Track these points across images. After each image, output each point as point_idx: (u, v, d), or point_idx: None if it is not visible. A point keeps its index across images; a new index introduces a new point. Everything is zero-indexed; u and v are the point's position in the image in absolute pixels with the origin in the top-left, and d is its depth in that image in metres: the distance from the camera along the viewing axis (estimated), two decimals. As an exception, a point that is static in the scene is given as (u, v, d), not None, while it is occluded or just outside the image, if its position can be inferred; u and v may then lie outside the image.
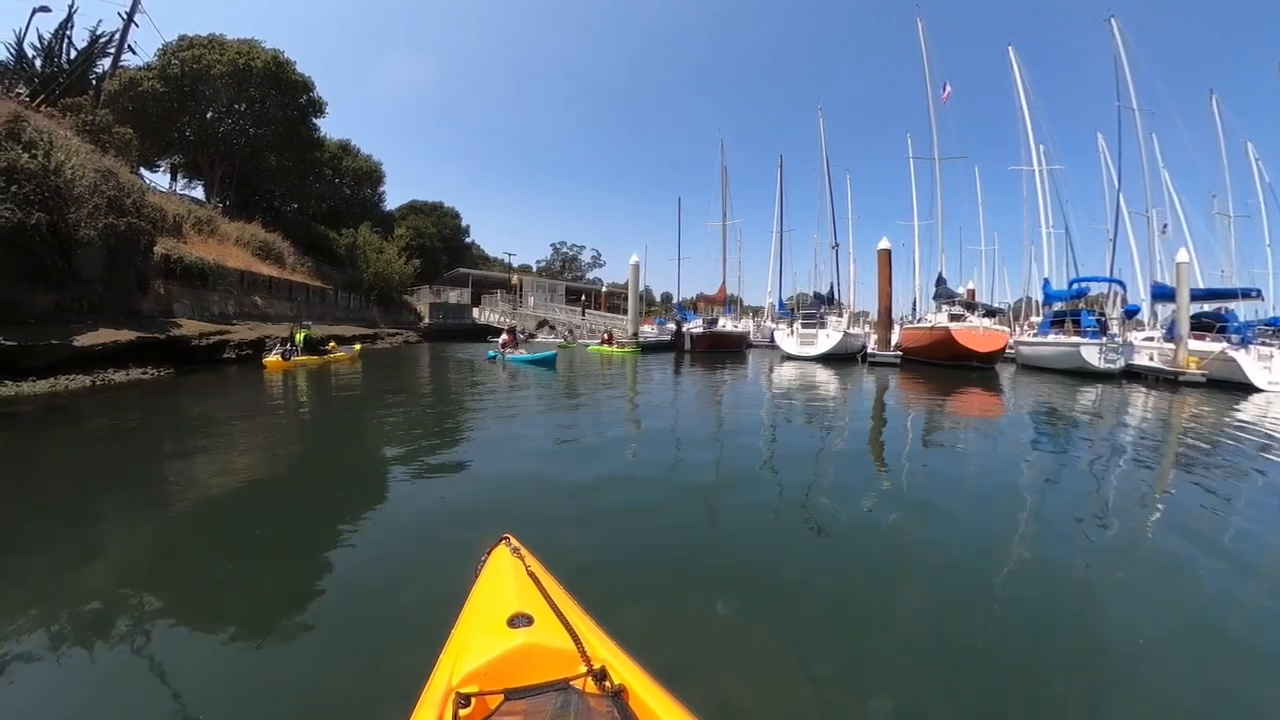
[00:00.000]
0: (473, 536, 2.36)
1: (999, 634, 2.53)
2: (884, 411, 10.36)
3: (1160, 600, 2.94)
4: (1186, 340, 15.87)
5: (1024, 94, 25.14)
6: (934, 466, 6.08)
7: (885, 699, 2.04)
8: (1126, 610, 2.83)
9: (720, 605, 2.63)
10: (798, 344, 22.70)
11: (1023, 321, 27.29)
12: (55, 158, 12.11)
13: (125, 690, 2.03)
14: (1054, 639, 2.51)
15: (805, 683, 2.11)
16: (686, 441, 6.97)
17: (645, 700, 1.25)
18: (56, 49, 21.62)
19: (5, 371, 9.42)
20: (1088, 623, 2.67)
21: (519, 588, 1.63)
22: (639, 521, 3.85)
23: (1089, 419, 9.56)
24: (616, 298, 56.38)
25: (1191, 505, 4.70)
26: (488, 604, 1.61)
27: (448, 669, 1.33)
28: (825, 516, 4.13)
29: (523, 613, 1.48)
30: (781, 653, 2.27)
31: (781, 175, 38.98)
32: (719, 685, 2.02)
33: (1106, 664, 2.33)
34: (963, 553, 3.46)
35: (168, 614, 2.53)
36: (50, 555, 3.19)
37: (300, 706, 1.98)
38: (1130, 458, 6.60)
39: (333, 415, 9.06)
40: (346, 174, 38.54)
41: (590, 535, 3.54)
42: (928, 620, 2.64)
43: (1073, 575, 3.21)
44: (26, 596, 2.71)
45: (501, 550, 1.90)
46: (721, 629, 2.50)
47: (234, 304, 18.62)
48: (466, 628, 1.53)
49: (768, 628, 2.47)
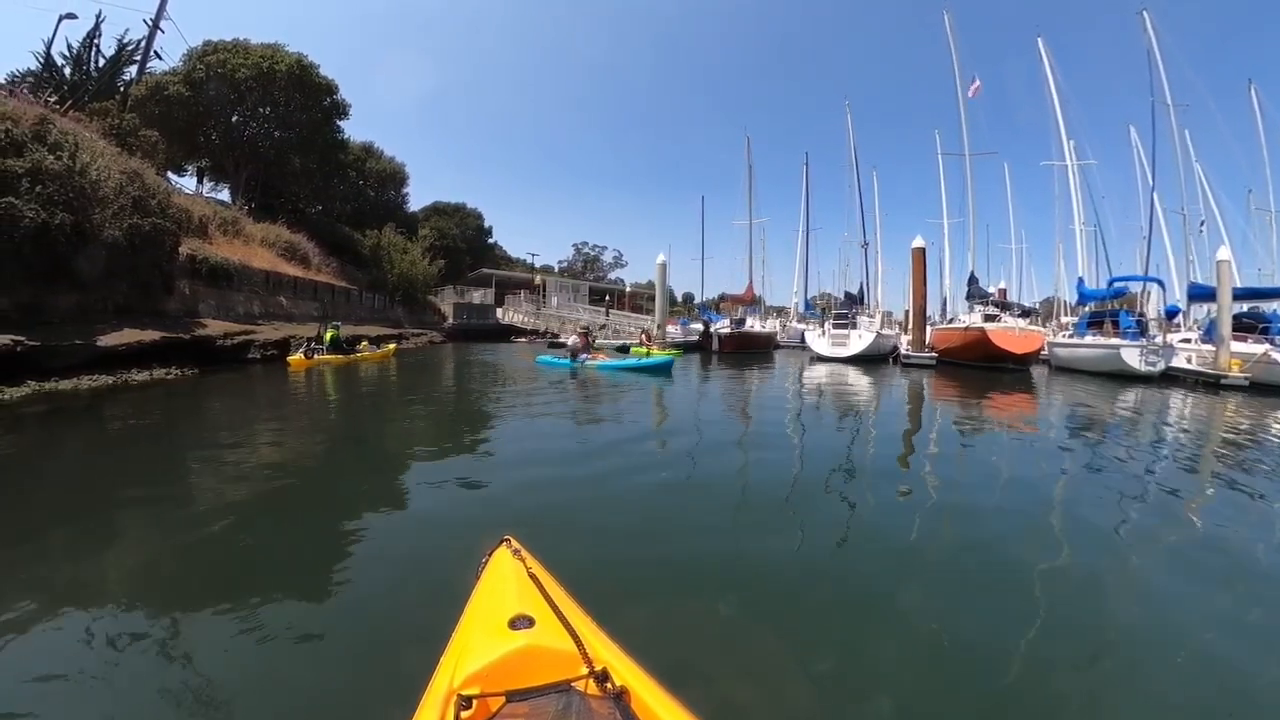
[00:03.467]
0: (474, 537, 2.34)
1: (1004, 637, 2.45)
2: (918, 414, 9.86)
3: (1182, 612, 2.75)
4: (1229, 342, 15.10)
5: (1055, 87, 24.08)
6: (961, 469, 5.74)
7: (886, 699, 2.03)
8: (1142, 618, 2.70)
9: (722, 606, 2.60)
10: (829, 345, 22.28)
11: (1051, 322, 26.24)
12: (81, 159, 12.12)
13: (125, 690, 1.99)
14: (1060, 643, 2.42)
15: (807, 684, 2.10)
16: (707, 441, 6.65)
17: (647, 702, 1.25)
18: (85, 57, 22.00)
19: (29, 372, 9.34)
20: (1099, 630, 2.57)
21: (520, 589, 1.62)
22: (641, 521, 3.81)
23: (1135, 423, 9.04)
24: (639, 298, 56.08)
25: (1232, 513, 4.39)
26: (489, 606, 1.59)
27: (449, 671, 1.32)
28: (832, 517, 4.02)
29: (524, 614, 1.47)
30: (784, 654, 2.26)
31: (807, 173, 38.21)
32: (721, 686, 2.00)
33: (1111, 668, 2.28)
34: (972, 554, 3.37)
35: (168, 614, 2.49)
36: (50, 555, 3.20)
37: (301, 707, 1.96)
38: (1173, 463, 6.09)
39: (348, 417, 8.95)
40: (370, 176, 38.74)
41: (598, 536, 3.49)
42: (930, 621, 2.57)
43: (1092, 582, 3.06)
44: (27, 592, 2.66)
45: (502, 552, 1.89)
46: (723, 630, 2.47)
47: (259, 304, 18.62)
48: (467, 629, 1.52)
49: (770, 629, 2.45)
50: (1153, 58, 21.11)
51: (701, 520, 3.84)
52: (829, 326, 23.45)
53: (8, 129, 11.17)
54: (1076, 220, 23.98)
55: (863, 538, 3.63)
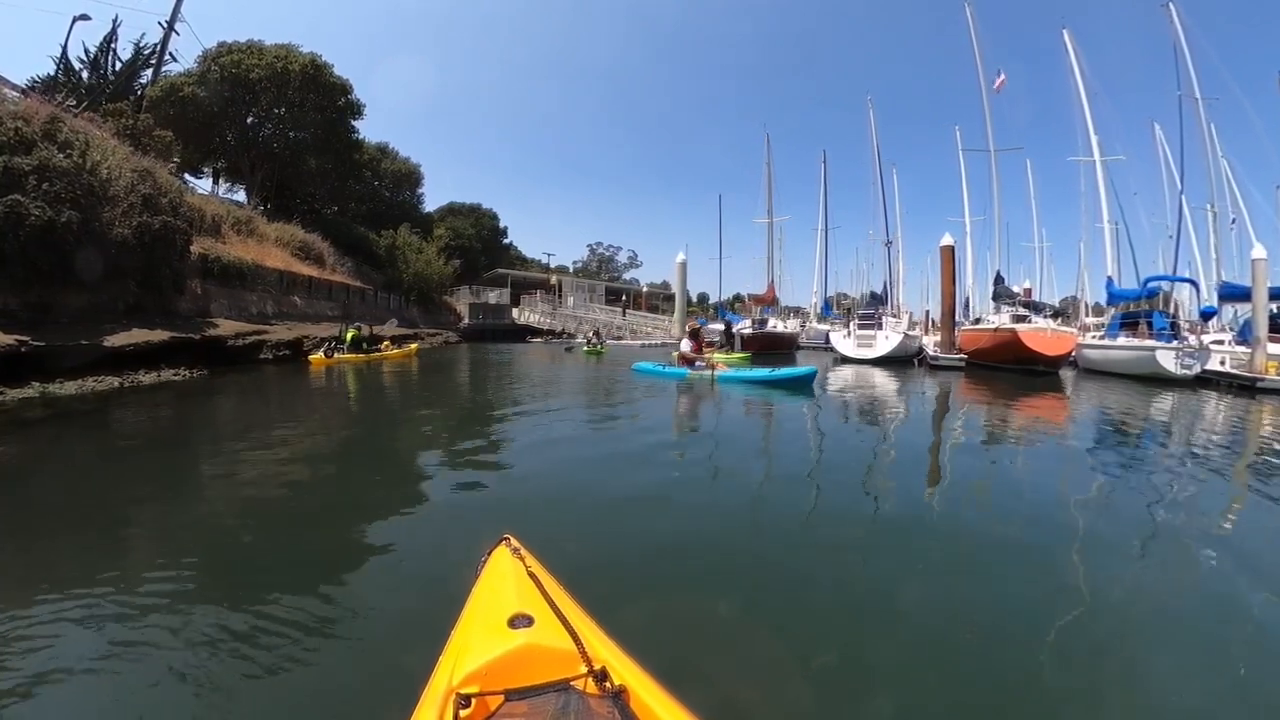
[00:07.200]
0: (474, 537, 2.32)
1: (1006, 639, 2.42)
2: (950, 419, 9.28)
3: (1198, 622, 2.63)
4: (1265, 343, 14.33)
5: (1082, 80, 23.04)
6: (988, 477, 5.39)
7: (886, 699, 2.02)
8: (1151, 625, 2.62)
9: (722, 605, 2.59)
10: (854, 346, 21.67)
11: (1074, 322, 25.29)
12: (91, 157, 11.96)
13: (125, 689, 1.97)
14: (1064, 650, 2.32)
15: (807, 683, 2.09)
16: (723, 443, 6.37)
17: (646, 700, 1.24)
18: (102, 61, 22.05)
19: (35, 373, 9.13)
20: (1108, 640, 2.44)
21: (519, 588, 1.61)
22: (644, 520, 3.76)
23: (1174, 429, 8.48)
24: (656, 298, 55.68)
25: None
26: (488, 604, 1.59)
27: (448, 669, 1.32)
28: (839, 519, 3.93)
29: (523, 613, 1.47)
30: (784, 653, 2.24)
31: (825, 171, 37.47)
32: (720, 686, 1.98)
33: (1114, 672, 2.21)
34: (981, 560, 3.28)
35: (168, 613, 2.45)
36: (51, 554, 3.21)
37: (300, 705, 1.93)
38: (1213, 474, 5.54)
39: (359, 416, 8.72)
40: (385, 176, 38.77)
41: (598, 536, 3.46)
42: (931, 622, 2.53)
43: (1104, 588, 2.91)
44: (27, 592, 2.63)
45: (502, 551, 1.87)
46: (723, 629, 2.46)
47: (273, 304, 18.46)
48: (467, 628, 1.52)
49: (770, 628, 2.42)
50: (1179, 51, 20.33)
51: (703, 520, 3.78)
52: (854, 327, 22.84)
53: (18, 127, 11.03)
54: (1104, 218, 22.92)
55: (867, 539, 3.57)
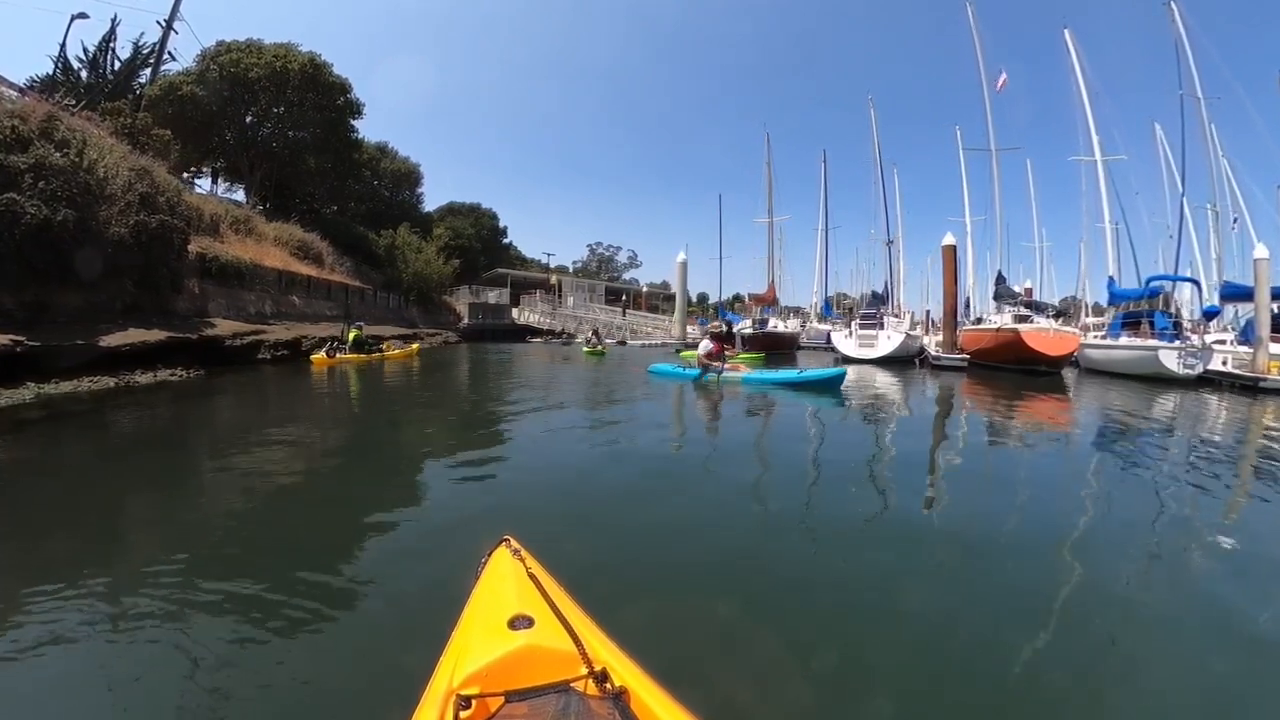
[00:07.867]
0: (474, 538, 2.33)
1: (1007, 640, 2.39)
2: (954, 419, 9.22)
3: (1199, 622, 2.63)
4: (1267, 343, 14.32)
5: (1083, 80, 22.93)
6: (989, 477, 5.38)
7: (887, 700, 2.02)
8: (1152, 625, 2.61)
9: (722, 606, 2.58)
10: (856, 345, 21.64)
11: (1075, 322, 25.23)
12: (88, 156, 11.89)
13: (126, 688, 1.96)
14: (1064, 651, 2.32)
15: (807, 684, 2.08)
16: (723, 443, 6.41)
17: (646, 702, 1.23)
18: (100, 60, 21.98)
19: (31, 373, 9.06)
20: (1108, 641, 2.45)
21: (519, 589, 1.61)
22: (644, 521, 3.74)
23: (1178, 430, 8.42)
24: (655, 298, 55.61)
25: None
26: (488, 606, 1.58)
27: (448, 671, 1.31)
28: (839, 520, 3.88)
29: (523, 614, 1.46)
30: (784, 654, 2.24)
31: (825, 171, 37.47)
32: (720, 686, 1.97)
33: (1114, 672, 2.22)
34: (982, 561, 3.24)
35: (168, 612, 2.43)
36: (48, 553, 3.19)
37: (300, 706, 1.92)
38: (1217, 474, 5.49)
39: (360, 416, 8.69)
40: (385, 176, 38.69)
41: (598, 536, 3.46)
42: (932, 623, 2.52)
43: (1105, 588, 2.93)
44: (26, 591, 2.62)
45: (502, 552, 1.87)
46: (723, 630, 2.45)
47: (271, 303, 18.39)
48: (467, 629, 1.51)
49: (770, 628, 2.42)
50: (1181, 50, 20.26)
51: (703, 520, 3.76)
52: (856, 327, 22.88)
53: (15, 125, 10.97)
54: (1106, 218, 22.86)
55: (868, 539, 3.55)
